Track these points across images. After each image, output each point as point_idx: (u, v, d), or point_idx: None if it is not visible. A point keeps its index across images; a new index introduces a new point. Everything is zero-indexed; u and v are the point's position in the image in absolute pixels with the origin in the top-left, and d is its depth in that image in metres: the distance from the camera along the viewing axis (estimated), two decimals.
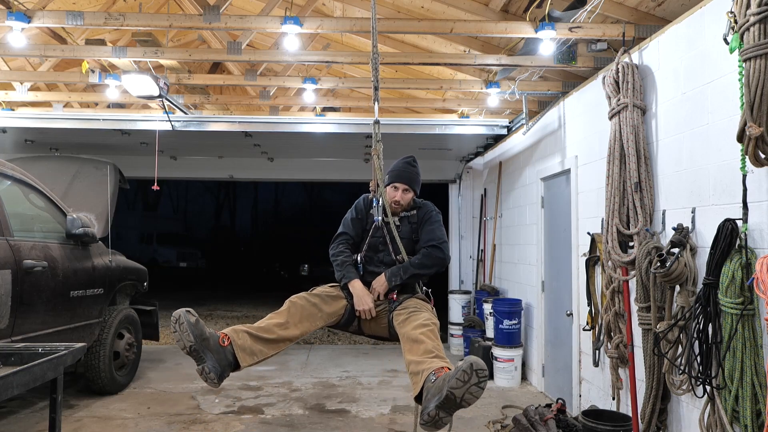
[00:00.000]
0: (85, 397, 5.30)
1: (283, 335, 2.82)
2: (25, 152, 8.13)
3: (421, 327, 2.77)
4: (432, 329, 2.77)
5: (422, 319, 2.85)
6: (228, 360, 2.61)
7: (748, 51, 2.49)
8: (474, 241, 8.69)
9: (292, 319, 2.89)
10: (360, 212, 3.34)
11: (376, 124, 3.26)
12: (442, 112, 7.55)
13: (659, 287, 3.49)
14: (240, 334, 2.70)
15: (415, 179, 3.33)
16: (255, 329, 2.78)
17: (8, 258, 3.97)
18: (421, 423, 2.41)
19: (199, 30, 6.69)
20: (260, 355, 2.74)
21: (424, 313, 2.95)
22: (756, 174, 2.79)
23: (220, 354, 2.59)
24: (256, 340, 2.73)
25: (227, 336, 2.65)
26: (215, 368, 2.56)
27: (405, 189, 3.27)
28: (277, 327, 2.82)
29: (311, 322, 2.97)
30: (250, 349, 2.69)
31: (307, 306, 2.97)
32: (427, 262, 3.15)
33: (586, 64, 4.80)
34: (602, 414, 4.02)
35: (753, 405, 2.70)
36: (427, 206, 3.38)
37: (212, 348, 2.57)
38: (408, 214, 3.30)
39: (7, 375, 2.12)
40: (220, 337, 2.63)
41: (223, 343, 2.60)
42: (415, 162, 3.39)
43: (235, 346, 2.63)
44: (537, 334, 6.03)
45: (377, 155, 3.23)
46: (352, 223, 3.33)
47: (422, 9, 5.19)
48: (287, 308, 2.93)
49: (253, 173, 9.40)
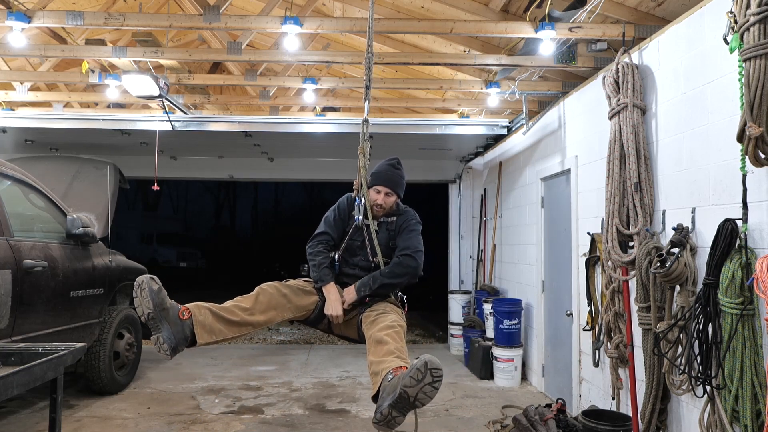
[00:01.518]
0: (85, 397, 5.30)
1: (247, 319, 2.81)
2: (25, 152, 8.14)
3: (387, 329, 2.74)
4: (397, 331, 2.75)
5: (388, 320, 2.82)
6: (185, 334, 2.62)
7: (748, 51, 2.49)
8: (474, 241, 8.69)
9: (258, 305, 2.88)
10: (342, 212, 3.28)
11: (365, 123, 3.25)
12: (442, 112, 7.55)
13: (659, 287, 3.49)
14: (202, 310, 2.70)
15: (399, 183, 3.24)
16: (218, 308, 2.77)
17: (8, 258, 3.97)
18: (374, 422, 2.39)
19: (199, 30, 6.70)
20: (219, 335, 2.73)
21: (391, 315, 2.92)
22: (756, 174, 2.79)
23: (177, 326, 2.60)
24: (217, 319, 2.72)
25: (188, 310, 2.66)
26: (170, 339, 2.57)
27: (387, 192, 3.19)
28: (242, 311, 2.81)
29: (278, 311, 2.95)
30: (210, 327, 2.68)
31: (276, 295, 2.95)
32: (397, 271, 3.07)
33: (586, 64, 4.80)
34: (602, 414, 4.02)
35: (753, 405, 2.70)
36: (408, 214, 3.30)
37: (171, 319, 2.59)
38: (387, 220, 3.24)
39: (7, 375, 2.12)
40: (180, 309, 2.64)
41: (182, 315, 2.62)
42: (399, 164, 3.29)
43: (195, 320, 2.64)
44: (537, 334, 6.03)
45: (363, 154, 3.22)
46: (334, 222, 3.27)
47: (422, 9, 5.19)
48: (256, 294, 2.91)
49: (253, 173, 9.40)
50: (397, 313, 3.05)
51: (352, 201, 3.27)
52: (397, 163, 3.26)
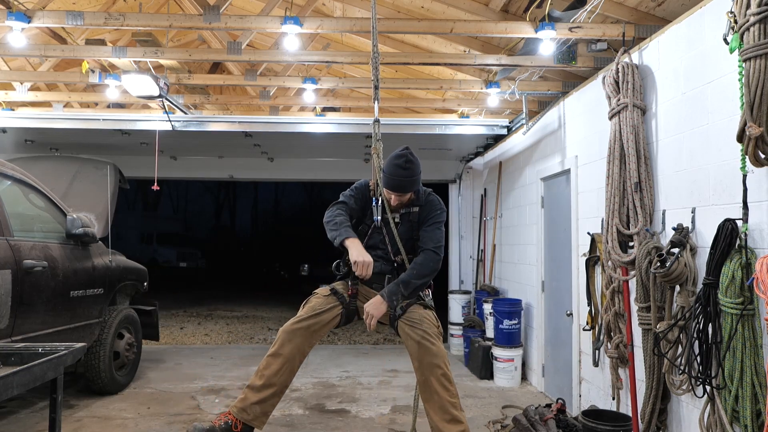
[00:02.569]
0: (85, 397, 5.29)
1: (285, 378, 3.00)
2: (25, 152, 8.14)
3: (435, 369, 2.94)
4: (444, 373, 2.96)
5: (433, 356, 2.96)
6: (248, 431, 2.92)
7: (748, 51, 2.49)
8: (474, 241, 8.69)
9: (287, 351, 2.99)
10: (360, 194, 3.27)
11: (376, 123, 3.26)
12: (442, 112, 7.55)
13: (659, 287, 3.49)
14: (248, 409, 2.92)
15: (407, 184, 3.13)
16: (259, 392, 2.95)
17: (8, 258, 3.97)
18: None
19: (199, 30, 6.70)
20: (273, 408, 3.03)
21: (434, 345, 3.00)
22: (756, 174, 2.79)
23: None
24: (264, 402, 2.96)
25: (236, 419, 2.89)
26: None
27: (399, 195, 3.16)
28: (277, 374, 2.97)
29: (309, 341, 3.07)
30: (263, 413, 2.96)
31: (300, 334, 3.02)
32: (424, 271, 3.07)
33: (586, 64, 4.80)
34: (602, 414, 4.02)
35: (753, 405, 2.70)
36: (431, 204, 3.24)
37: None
38: (410, 211, 3.22)
39: (7, 375, 2.12)
40: (232, 425, 2.87)
41: (236, 428, 2.87)
42: (408, 162, 3.10)
43: (247, 422, 2.91)
44: (537, 334, 6.03)
45: (377, 154, 3.23)
46: (351, 199, 3.25)
47: (422, 9, 5.19)
48: (280, 346, 3.00)
49: (253, 173, 9.40)
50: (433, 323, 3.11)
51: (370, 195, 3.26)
52: (405, 162, 3.09)
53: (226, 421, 2.89)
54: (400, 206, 3.21)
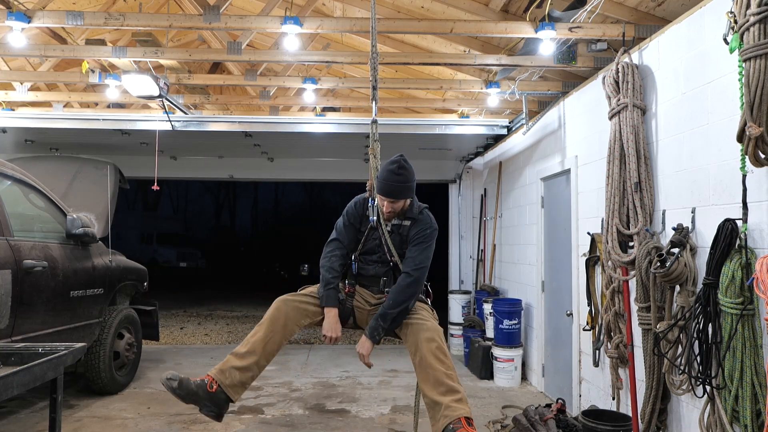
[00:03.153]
0: (85, 397, 5.30)
1: (268, 349, 2.99)
2: (25, 152, 8.14)
3: (430, 342, 2.83)
4: (439, 346, 2.83)
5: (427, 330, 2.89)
6: (221, 399, 2.91)
7: (748, 51, 2.49)
8: (474, 241, 8.69)
9: (276, 325, 3.01)
10: (352, 217, 3.26)
11: (373, 123, 3.25)
12: (442, 112, 7.55)
13: (659, 287, 3.49)
14: (227, 372, 2.92)
15: (401, 190, 3.08)
16: (241, 359, 2.95)
17: (8, 258, 3.97)
18: None
19: (199, 30, 6.69)
20: (250, 380, 2.99)
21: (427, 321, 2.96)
22: (756, 174, 2.79)
23: (212, 398, 2.88)
24: (244, 370, 2.94)
25: (215, 381, 2.89)
26: (211, 411, 2.91)
27: (391, 201, 3.11)
28: (262, 344, 2.98)
29: (296, 322, 3.07)
30: (240, 382, 2.93)
31: (292, 308, 3.05)
32: (401, 298, 3.01)
33: (586, 64, 4.80)
34: (602, 414, 4.02)
35: (753, 405, 2.70)
36: (423, 222, 3.18)
37: (203, 397, 2.88)
38: (401, 224, 3.17)
39: (7, 375, 2.12)
40: (207, 383, 2.87)
41: (211, 388, 2.88)
42: (401, 168, 3.06)
43: (223, 387, 2.89)
44: (537, 334, 6.03)
45: (374, 155, 3.22)
46: (344, 229, 3.25)
47: (422, 9, 5.19)
48: (271, 316, 3.03)
49: (253, 173, 9.40)
50: (426, 310, 3.09)
51: (364, 201, 3.25)
52: (398, 168, 3.06)
53: (203, 380, 2.90)
54: (392, 216, 3.16)
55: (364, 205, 3.25)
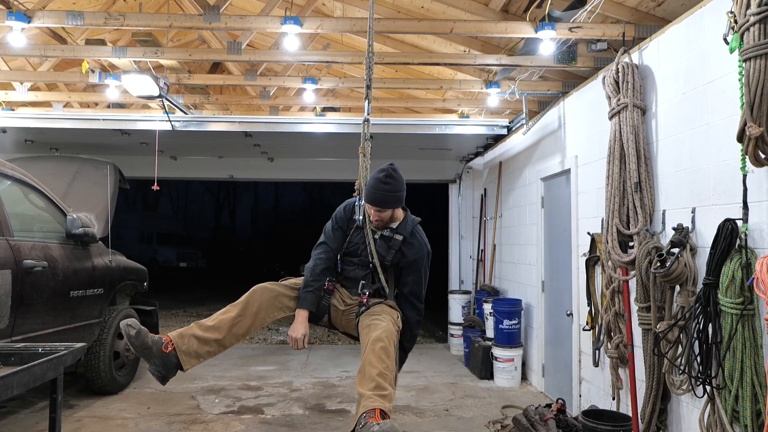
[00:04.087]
0: (85, 397, 5.30)
1: (234, 331, 2.97)
2: (25, 152, 8.14)
3: (377, 342, 2.78)
4: (384, 347, 2.78)
5: (379, 331, 2.85)
6: (172, 363, 2.87)
7: (748, 51, 2.49)
8: (474, 241, 8.69)
9: (249, 309, 2.99)
10: (340, 221, 3.27)
11: (366, 122, 3.24)
12: (442, 112, 7.55)
13: (659, 287, 3.49)
14: (186, 338, 2.88)
15: (388, 200, 3.06)
16: (204, 330, 2.93)
17: (8, 258, 3.97)
18: None
19: (199, 30, 6.70)
20: (207, 356, 2.94)
21: (384, 322, 2.93)
22: (756, 174, 2.79)
23: (163, 359, 2.84)
24: (203, 342, 2.90)
25: (172, 342, 2.86)
26: (157, 372, 2.86)
27: (378, 210, 3.09)
28: (230, 323, 2.95)
29: (270, 312, 3.05)
30: (196, 353, 2.89)
31: (267, 296, 3.04)
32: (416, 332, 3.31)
33: (586, 64, 4.80)
34: (602, 414, 4.02)
35: (753, 405, 2.70)
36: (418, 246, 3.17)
37: (155, 355, 2.83)
38: (392, 236, 3.16)
39: (7, 375, 2.12)
40: (164, 343, 2.84)
41: (165, 349, 2.84)
42: (389, 177, 3.02)
43: (178, 351, 2.86)
44: (537, 334, 6.03)
45: (364, 154, 3.21)
46: (332, 232, 3.27)
47: (422, 9, 5.19)
48: (246, 298, 3.02)
49: (253, 173, 9.40)
50: (392, 316, 3.07)
51: (352, 205, 3.27)
52: (385, 177, 3.02)
53: (160, 338, 2.88)
54: (381, 224, 3.15)
55: (353, 210, 3.25)
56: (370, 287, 3.18)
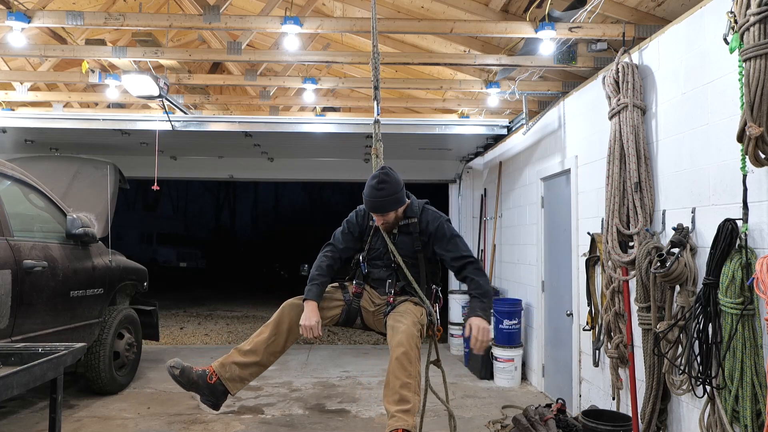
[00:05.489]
0: (85, 397, 5.30)
1: (271, 350, 3.08)
2: (25, 152, 8.13)
3: (398, 347, 2.86)
4: (405, 351, 2.85)
5: (400, 334, 2.91)
6: (219, 390, 3.01)
7: (748, 51, 2.49)
8: (474, 241, 8.68)
9: (281, 327, 3.08)
10: (352, 226, 3.31)
11: (376, 123, 3.25)
12: (442, 112, 7.55)
13: (659, 287, 3.49)
14: (228, 366, 3.01)
15: (386, 204, 3.05)
16: (243, 355, 3.05)
17: (8, 258, 3.97)
18: None
19: (199, 30, 6.70)
20: (250, 378, 3.08)
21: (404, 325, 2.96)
22: (756, 174, 2.79)
23: (210, 389, 2.98)
24: (244, 367, 3.04)
25: (215, 373, 2.99)
26: (208, 401, 3.02)
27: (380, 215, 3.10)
28: (265, 344, 3.06)
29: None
30: (239, 377, 3.03)
31: (297, 312, 3.08)
32: (485, 286, 3.16)
33: (586, 64, 4.80)
34: (602, 414, 4.02)
35: (753, 405, 2.70)
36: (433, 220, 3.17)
37: (202, 387, 2.98)
38: (409, 222, 3.16)
39: (7, 375, 2.12)
40: (208, 375, 2.98)
41: (210, 380, 2.97)
42: (381, 183, 3.01)
43: (222, 380, 2.99)
44: (537, 334, 6.03)
45: (376, 155, 3.23)
46: (342, 236, 3.30)
47: (422, 9, 5.19)
48: (277, 319, 3.11)
49: (253, 173, 9.40)
50: (415, 314, 3.08)
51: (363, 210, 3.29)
52: (377, 183, 3.01)
53: (204, 370, 2.99)
54: (388, 227, 3.17)
55: (365, 216, 3.29)
56: (395, 286, 3.22)
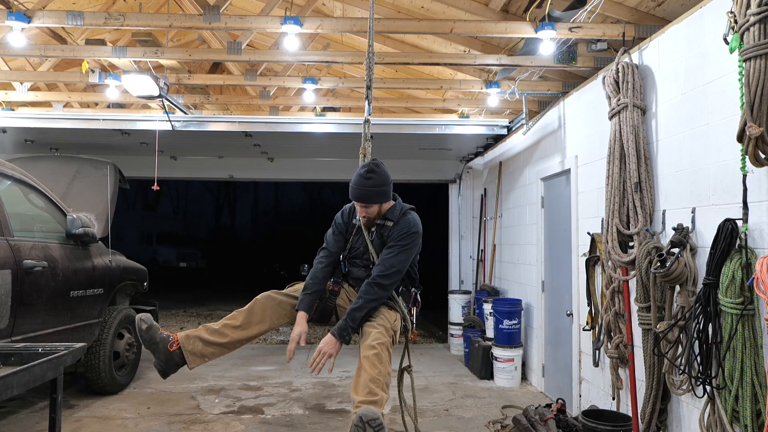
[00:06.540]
0: (85, 397, 5.29)
1: (237, 337, 3.11)
2: (25, 152, 8.14)
3: (369, 349, 2.86)
4: (377, 353, 2.84)
5: (371, 338, 2.90)
6: (175, 361, 3.05)
7: (748, 51, 2.49)
8: (474, 241, 8.69)
9: (254, 317, 3.12)
10: (339, 226, 3.33)
11: (366, 122, 3.25)
12: (442, 112, 7.55)
13: (659, 287, 3.49)
14: (192, 340, 3.05)
15: (371, 195, 3.04)
16: (209, 333, 3.09)
17: (8, 258, 3.97)
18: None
19: (199, 30, 6.70)
20: (211, 357, 3.11)
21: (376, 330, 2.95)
22: (756, 174, 2.79)
23: (167, 355, 3.03)
24: (208, 344, 3.07)
25: (178, 342, 3.03)
26: (159, 366, 3.06)
27: (363, 206, 3.09)
28: (234, 329, 3.10)
29: (275, 319, 3.17)
30: (201, 353, 3.06)
31: (271, 304, 3.14)
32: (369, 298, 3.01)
33: (586, 64, 4.80)
34: (602, 414, 4.02)
35: (753, 405, 2.70)
36: (404, 224, 3.11)
37: (160, 350, 3.02)
38: (385, 224, 3.15)
39: (7, 375, 2.12)
40: (170, 342, 3.02)
41: (170, 348, 3.02)
42: (370, 172, 3.02)
43: (184, 351, 3.03)
44: (537, 334, 6.03)
45: (364, 155, 3.23)
46: (333, 238, 3.33)
47: (422, 9, 5.19)
48: (250, 307, 3.14)
49: (253, 173, 9.40)
50: (389, 320, 3.07)
51: (351, 210, 3.31)
52: (366, 172, 3.02)
53: (169, 335, 3.05)
54: (369, 221, 3.15)
55: (350, 214, 3.31)
56: None
